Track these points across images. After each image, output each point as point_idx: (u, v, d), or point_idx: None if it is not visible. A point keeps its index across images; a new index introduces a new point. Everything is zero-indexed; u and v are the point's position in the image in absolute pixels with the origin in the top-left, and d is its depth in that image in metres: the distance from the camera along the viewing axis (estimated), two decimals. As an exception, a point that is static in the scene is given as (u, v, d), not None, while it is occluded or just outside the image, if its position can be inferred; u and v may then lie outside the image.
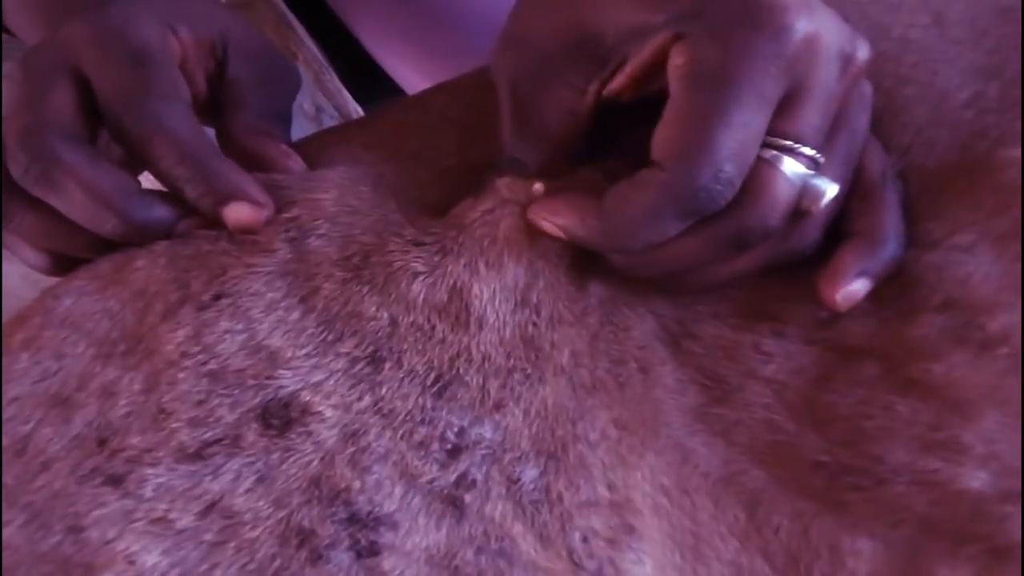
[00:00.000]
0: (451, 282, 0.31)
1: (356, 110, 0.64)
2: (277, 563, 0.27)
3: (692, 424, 0.30)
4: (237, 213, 0.31)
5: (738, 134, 0.27)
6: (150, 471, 0.28)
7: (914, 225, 0.31)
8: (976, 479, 0.28)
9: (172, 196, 0.32)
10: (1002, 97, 0.32)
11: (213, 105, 0.38)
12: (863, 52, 0.30)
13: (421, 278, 0.30)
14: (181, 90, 0.33)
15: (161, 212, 0.31)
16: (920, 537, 0.28)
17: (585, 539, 0.28)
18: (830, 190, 0.29)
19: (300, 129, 0.59)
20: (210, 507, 0.27)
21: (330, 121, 0.62)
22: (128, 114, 0.31)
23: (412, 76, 0.66)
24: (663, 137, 0.28)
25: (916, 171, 0.32)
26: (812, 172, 0.29)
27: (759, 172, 0.28)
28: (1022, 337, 0.29)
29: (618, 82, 0.30)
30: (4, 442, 0.28)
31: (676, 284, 0.31)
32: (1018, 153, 0.31)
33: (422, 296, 0.30)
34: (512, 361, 0.30)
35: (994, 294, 0.29)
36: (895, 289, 0.30)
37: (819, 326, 0.31)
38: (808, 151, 0.29)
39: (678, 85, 0.28)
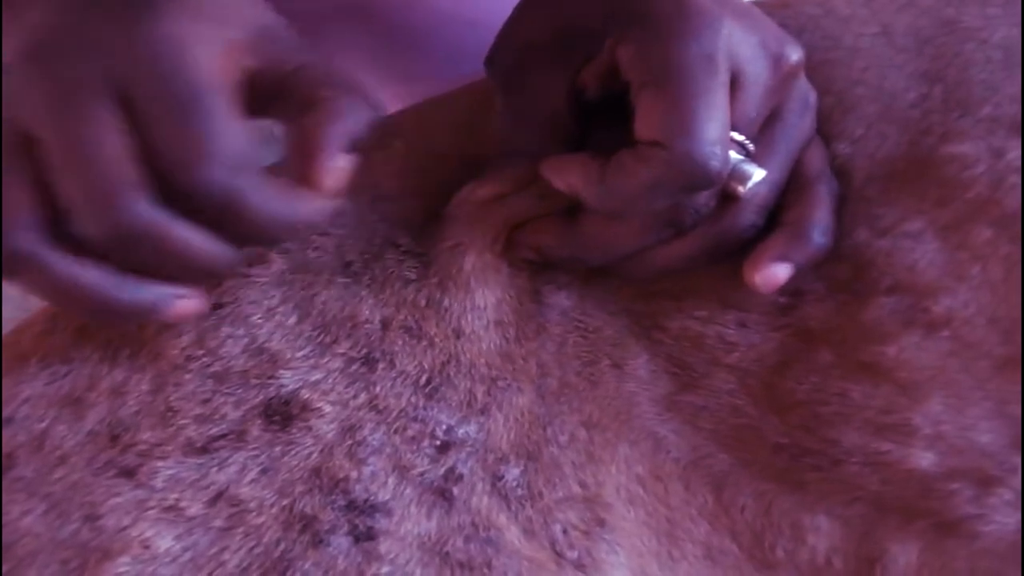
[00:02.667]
0: (428, 293, 0.36)
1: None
2: (282, 547, 0.31)
3: (663, 413, 0.36)
4: None
5: (719, 113, 0.33)
6: (160, 464, 0.32)
7: (867, 208, 0.37)
8: (924, 459, 0.33)
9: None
10: (945, 99, 0.38)
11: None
12: (794, 54, 0.35)
13: (411, 285, 0.36)
14: (247, 145, 0.32)
15: (151, 292, 0.32)
16: (873, 514, 0.34)
17: (565, 531, 0.34)
18: (756, 174, 0.35)
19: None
20: (218, 496, 0.32)
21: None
22: (199, 185, 0.30)
23: (382, 100, 0.71)
24: (658, 118, 0.33)
25: (867, 159, 0.38)
26: (740, 157, 0.35)
27: None
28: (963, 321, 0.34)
29: (586, 77, 0.36)
30: (22, 438, 0.33)
31: (623, 271, 0.37)
32: (958, 150, 0.36)
33: (411, 301, 0.35)
34: (494, 371, 0.35)
35: (937, 279, 0.35)
36: (849, 273, 0.36)
37: (781, 312, 0.36)
38: (737, 137, 0.34)
39: (647, 75, 0.33)
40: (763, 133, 0.36)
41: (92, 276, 0.31)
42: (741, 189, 0.35)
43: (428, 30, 0.65)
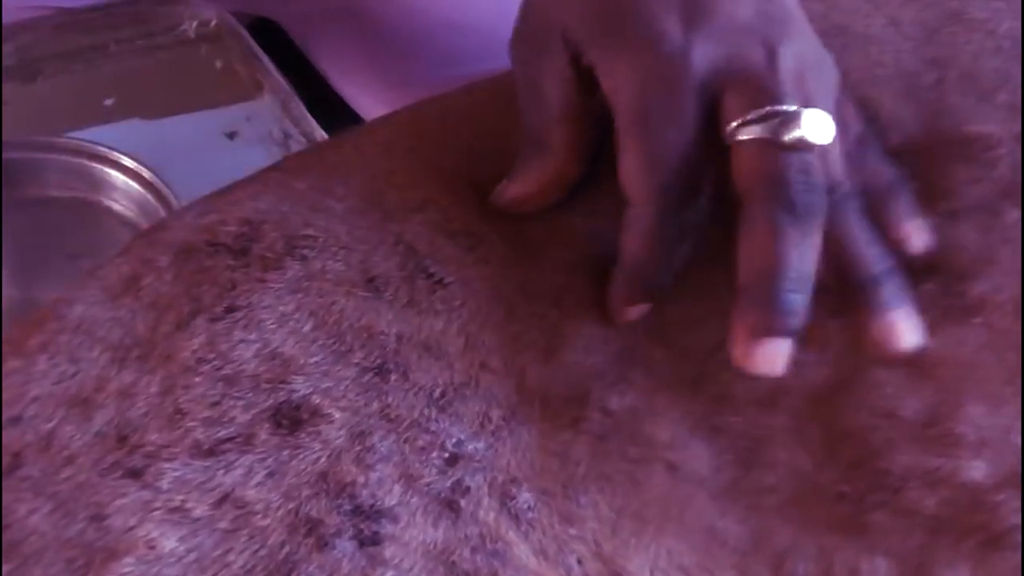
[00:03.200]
0: (461, 325, 0.37)
1: (322, 135, 0.70)
2: (286, 549, 0.31)
3: (724, 505, 0.35)
4: None
5: (678, 154, 0.35)
6: (167, 465, 0.32)
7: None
8: (976, 469, 0.34)
9: None
10: (962, 82, 0.40)
11: None
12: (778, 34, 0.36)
13: (441, 317, 0.36)
14: None
15: None
16: (928, 541, 0.33)
17: (580, 562, 0.34)
18: (805, 116, 0.34)
19: (269, 155, 0.65)
20: (224, 498, 0.32)
21: (298, 147, 0.67)
22: None
23: (373, 106, 0.72)
24: (623, 174, 0.36)
25: (894, 134, 0.39)
26: (775, 121, 0.35)
27: (737, 155, 0.35)
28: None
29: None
30: (29, 438, 0.33)
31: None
32: (983, 129, 0.37)
33: (439, 331, 0.36)
34: (512, 405, 0.36)
35: (972, 263, 0.36)
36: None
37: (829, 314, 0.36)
38: (758, 113, 0.35)
39: (619, 124, 0.36)
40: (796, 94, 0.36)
41: None
42: (795, 139, 0.34)
43: (418, 35, 0.66)
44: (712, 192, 0.37)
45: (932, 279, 0.36)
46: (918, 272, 0.36)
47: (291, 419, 0.33)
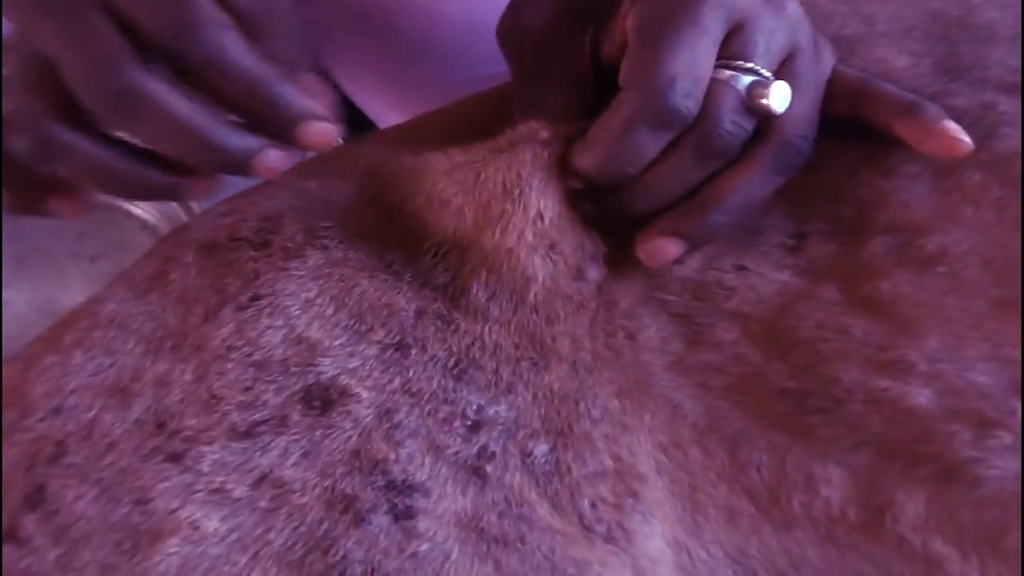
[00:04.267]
0: (462, 284, 0.38)
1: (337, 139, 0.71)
2: (325, 526, 0.33)
3: (677, 378, 0.37)
4: (311, 133, 0.36)
5: (683, 54, 0.36)
6: (206, 448, 0.34)
7: (873, 148, 0.40)
8: (922, 396, 0.35)
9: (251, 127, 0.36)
10: (934, 67, 0.41)
11: None
12: (791, 4, 0.39)
13: (448, 287, 0.38)
14: (224, 15, 0.35)
15: (250, 142, 0.36)
16: (878, 461, 0.35)
17: (594, 505, 0.35)
18: (776, 86, 0.37)
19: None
20: (262, 479, 0.33)
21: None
22: (189, 47, 0.34)
23: (384, 111, 0.73)
24: (624, 68, 0.37)
25: None
26: (754, 79, 0.37)
27: (709, 88, 0.37)
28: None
29: (606, 51, 0.39)
30: (71, 427, 0.34)
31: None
32: (951, 103, 0.39)
33: (448, 295, 0.38)
34: (520, 351, 0.37)
35: (929, 219, 0.38)
36: (852, 212, 0.39)
37: (788, 252, 0.39)
38: (747, 64, 0.37)
39: (632, 34, 0.37)
40: (783, 70, 0.38)
41: (201, 116, 0.35)
42: (765, 102, 0.37)
43: (429, 38, 0.67)
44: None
45: (888, 234, 0.38)
46: (876, 230, 0.38)
47: (321, 400, 0.35)
